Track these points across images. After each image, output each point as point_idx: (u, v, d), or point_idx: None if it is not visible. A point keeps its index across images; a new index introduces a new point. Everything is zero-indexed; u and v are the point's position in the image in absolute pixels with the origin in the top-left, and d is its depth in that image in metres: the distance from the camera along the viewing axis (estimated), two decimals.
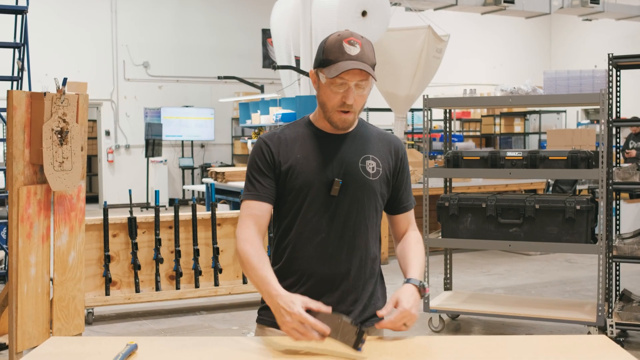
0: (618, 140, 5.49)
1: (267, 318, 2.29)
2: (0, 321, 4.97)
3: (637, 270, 7.41)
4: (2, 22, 7.64)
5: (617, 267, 5.52)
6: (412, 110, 14.84)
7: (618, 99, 5.30)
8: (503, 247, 5.57)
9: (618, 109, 5.32)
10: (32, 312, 4.54)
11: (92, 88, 5.68)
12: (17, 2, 6.49)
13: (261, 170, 2.25)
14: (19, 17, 6.14)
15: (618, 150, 5.57)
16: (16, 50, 6.16)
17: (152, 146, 14.69)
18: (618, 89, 5.30)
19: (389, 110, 11.78)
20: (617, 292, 5.56)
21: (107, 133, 15.20)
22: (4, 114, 5.57)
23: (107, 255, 5.75)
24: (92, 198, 15.37)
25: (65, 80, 4.60)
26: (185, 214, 6.09)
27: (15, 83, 6.09)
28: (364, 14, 8.74)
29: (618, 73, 5.33)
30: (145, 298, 5.89)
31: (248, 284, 6.18)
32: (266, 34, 15.30)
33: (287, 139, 2.27)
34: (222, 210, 7.65)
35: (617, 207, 5.63)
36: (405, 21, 12.34)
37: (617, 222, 5.62)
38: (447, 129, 6.22)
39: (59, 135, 4.52)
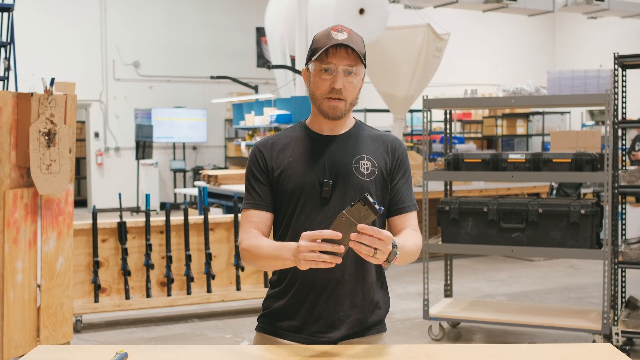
0: (624, 142, 5.45)
1: (266, 326, 2.31)
2: None
3: None
4: None
5: (623, 273, 5.45)
6: (411, 111, 14.68)
7: (624, 99, 5.25)
8: (505, 253, 5.55)
9: (624, 110, 5.27)
10: (18, 320, 4.55)
11: (80, 88, 5.61)
12: (3, 0, 6.38)
13: (257, 178, 2.28)
14: (5, 14, 6.11)
15: (624, 152, 5.50)
16: (2, 49, 6.10)
17: (143, 148, 14.54)
18: (624, 89, 5.26)
19: (387, 111, 11.67)
20: (623, 299, 5.50)
21: (96, 135, 15.04)
22: None
23: (96, 261, 5.67)
24: (81, 202, 15.18)
25: (52, 80, 4.59)
26: (176, 218, 6.01)
27: (1, 83, 6.05)
28: (361, 11, 8.66)
29: (624, 73, 5.29)
30: (135, 305, 5.81)
31: (242, 291, 6.07)
32: (260, 32, 15.15)
33: (280, 144, 2.29)
34: (215, 214, 7.53)
35: (623, 211, 5.57)
36: (404, 19, 12.20)
37: (623, 226, 5.55)
38: (448, 131, 6.14)
39: (47, 137, 4.55)
